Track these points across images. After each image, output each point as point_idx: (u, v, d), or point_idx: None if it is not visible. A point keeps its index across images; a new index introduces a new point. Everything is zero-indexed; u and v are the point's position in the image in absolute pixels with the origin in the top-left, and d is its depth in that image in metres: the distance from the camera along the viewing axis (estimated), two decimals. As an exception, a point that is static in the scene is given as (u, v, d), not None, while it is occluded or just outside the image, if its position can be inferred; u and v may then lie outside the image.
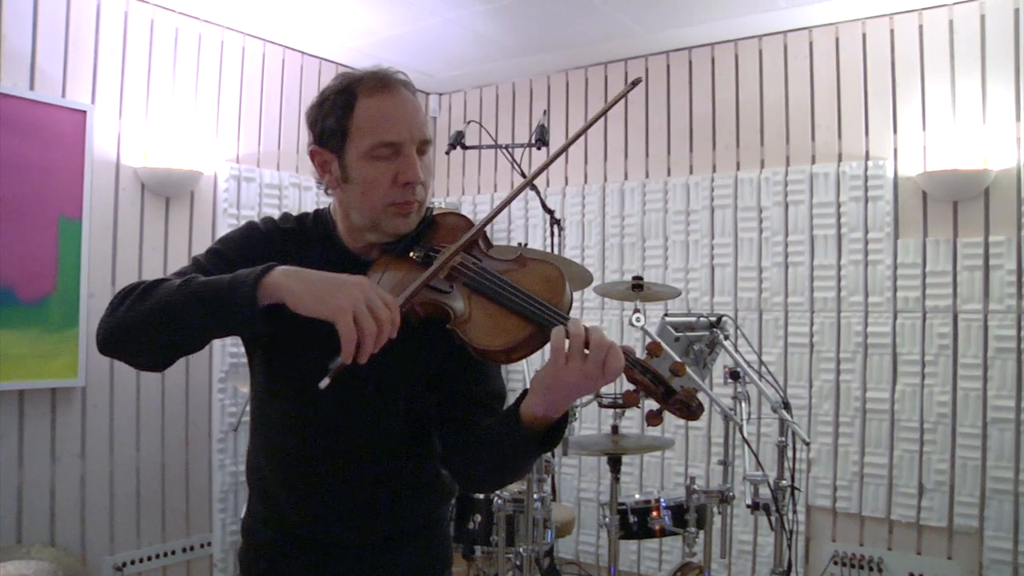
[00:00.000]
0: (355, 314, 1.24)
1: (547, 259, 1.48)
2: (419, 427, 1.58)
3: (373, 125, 1.45)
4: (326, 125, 1.49)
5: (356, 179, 1.47)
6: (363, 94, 1.46)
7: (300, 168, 4.44)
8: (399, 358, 1.49)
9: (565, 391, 1.27)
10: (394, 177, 1.45)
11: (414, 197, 1.48)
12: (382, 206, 1.47)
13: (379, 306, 1.26)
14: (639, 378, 1.27)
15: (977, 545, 3.53)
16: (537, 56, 4.55)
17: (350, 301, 1.24)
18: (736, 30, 4.10)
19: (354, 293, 1.26)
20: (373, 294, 1.27)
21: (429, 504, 1.67)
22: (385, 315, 1.26)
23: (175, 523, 3.91)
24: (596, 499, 4.48)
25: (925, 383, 3.65)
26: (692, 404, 1.26)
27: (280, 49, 4.34)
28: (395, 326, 1.27)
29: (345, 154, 1.47)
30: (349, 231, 1.56)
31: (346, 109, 1.46)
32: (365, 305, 1.25)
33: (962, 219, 3.61)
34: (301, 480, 1.58)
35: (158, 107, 3.80)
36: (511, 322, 1.33)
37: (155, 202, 3.84)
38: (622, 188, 4.50)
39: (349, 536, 1.58)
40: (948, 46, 3.65)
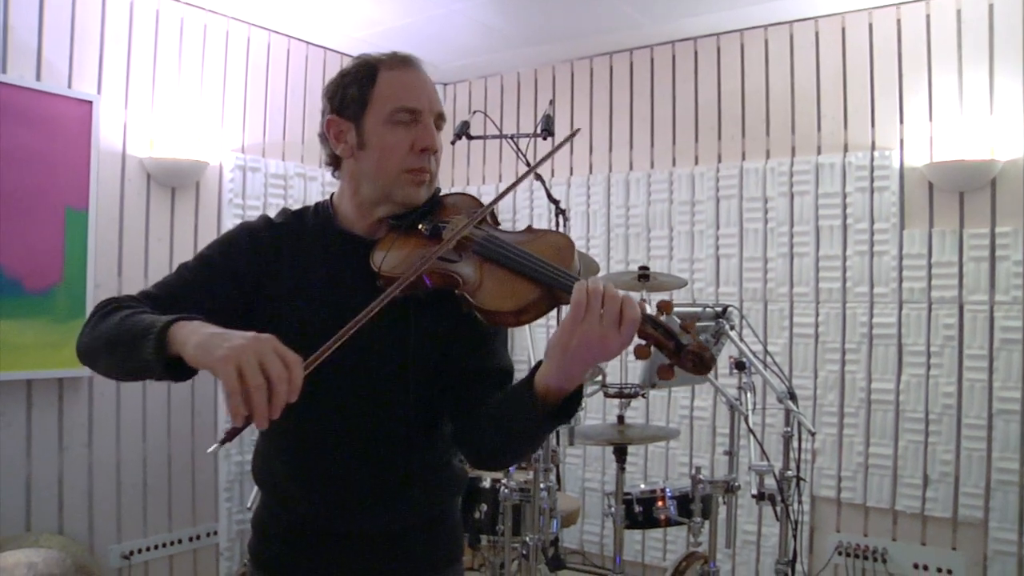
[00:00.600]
0: (238, 367, 1.14)
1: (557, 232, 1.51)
2: (429, 415, 1.58)
3: (395, 92, 1.51)
4: (347, 94, 1.54)
5: (374, 145, 1.51)
6: (385, 68, 1.53)
7: (305, 158, 4.44)
8: (408, 340, 1.50)
9: (582, 352, 1.22)
10: (412, 143, 1.50)
11: (428, 166, 1.52)
12: (397, 172, 1.51)
13: (272, 362, 1.15)
14: (651, 332, 1.25)
15: (982, 536, 3.54)
16: (542, 47, 4.54)
17: (235, 353, 1.15)
18: (742, 20, 4.09)
19: (242, 346, 1.16)
20: (268, 350, 1.16)
21: (440, 495, 1.67)
22: (277, 371, 1.15)
23: (181, 513, 3.92)
24: (601, 489, 4.49)
25: (930, 374, 3.64)
26: (704, 355, 1.24)
27: (285, 39, 4.34)
28: (292, 386, 1.16)
29: (364, 121, 1.52)
30: (357, 208, 1.57)
31: (368, 79, 1.53)
32: (255, 359, 1.14)
33: (968, 210, 3.61)
34: (311, 471, 1.58)
35: (164, 97, 3.81)
36: (521, 285, 1.35)
37: (161, 192, 3.84)
38: (627, 178, 4.50)
39: (360, 528, 1.58)
40: (956, 36, 3.63)
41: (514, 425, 1.38)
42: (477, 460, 1.58)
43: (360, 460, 1.55)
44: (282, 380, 1.15)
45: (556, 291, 1.33)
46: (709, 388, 4.15)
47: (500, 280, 1.38)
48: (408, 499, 1.60)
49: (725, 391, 3.18)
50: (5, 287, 3.31)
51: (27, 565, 3.12)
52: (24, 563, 3.13)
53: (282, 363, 1.16)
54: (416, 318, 1.52)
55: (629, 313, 1.20)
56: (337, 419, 1.55)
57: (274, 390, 1.14)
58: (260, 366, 1.14)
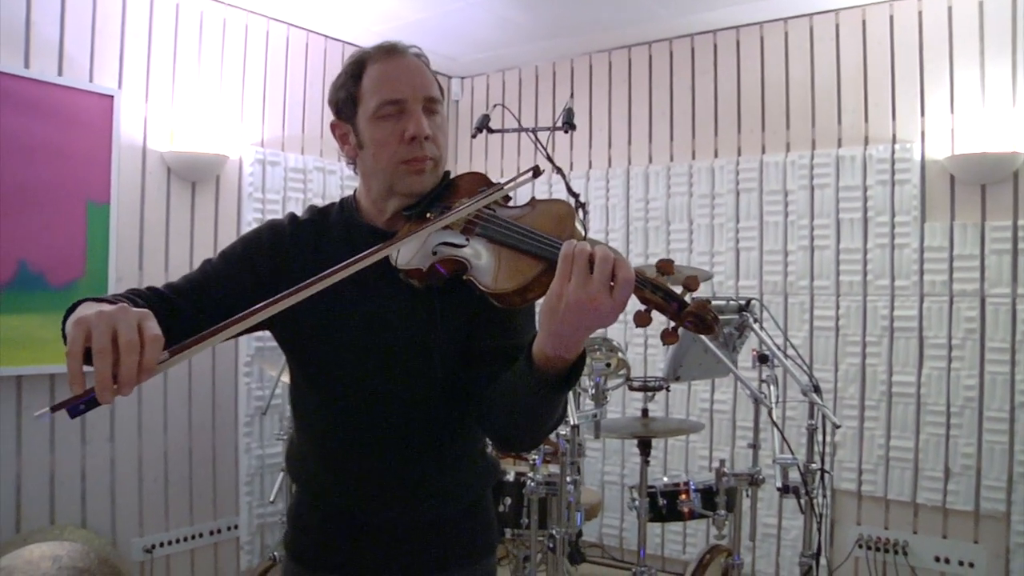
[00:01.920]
0: (87, 330, 1.04)
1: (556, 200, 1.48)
2: (459, 404, 1.57)
3: (377, 87, 1.51)
4: (339, 97, 1.57)
5: (368, 142, 1.53)
6: (370, 62, 1.54)
7: (324, 152, 4.44)
8: (434, 328, 1.50)
9: (572, 316, 1.15)
10: (401, 134, 1.49)
11: (423, 153, 1.51)
12: (393, 164, 1.51)
13: (125, 331, 1.04)
14: (650, 297, 1.18)
15: (1004, 529, 3.54)
16: (560, 40, 4.53)
17: (91, 318, 1.05)
18: (761, 13, 4.08)
19: (101, 312, 1.06)
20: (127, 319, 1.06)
21: (473, 485, 1.68)
22: (126, 339, 1.04)
23: (202, 506, 3.94)
24: (620, 482, 4.50)
25: (952, 367, 3.64)
26: (707, 316, 1.17)
27: (304, 33, 4.33)
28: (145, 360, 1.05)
29: (357, 120, 1.54)
30: (374, 204, 1.59)
31: (355, 78, 1.54)
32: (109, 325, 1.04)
33: (990, 202, 3.60)
34: (345, 463, 1.59)
35: (184, 91, 3.81)
36: (523, 263, 1.31)
37: (181, 186, 3.85)
38: (647, 171, 4.49)
39: (395, 519, 1.58)
40: (978, 28, 3.62)
41: (518, 398, 1.34)
42: (501, 441, 1.57)
43: (392, 450, 1.56)
44: (131, 350, 1.03)
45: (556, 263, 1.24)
46: (729, 382, 4.15)
47: (504, 259, 1.35)
48: (441, 489, 1.60)
49: (749, 384, 3.17)
50: (28, 281, 3.32)
51: (52, 558, 3.13)
52: (49, 556, 3.14)
53: (138, 334, 1.05)
54: (441, 307, 1.52)
55: (622, 274, 1.13)
56: (368, 409, 1.55)
57: (120, 361, 1.03)
58: (112, 333, 1.04)
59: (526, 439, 1.49)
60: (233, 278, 1.54)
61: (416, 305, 1.52)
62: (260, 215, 4.06)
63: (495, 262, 1.35)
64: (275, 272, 1.55)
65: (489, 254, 1.37)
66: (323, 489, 1.62)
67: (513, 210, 1.48)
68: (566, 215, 1.40)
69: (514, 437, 1.49)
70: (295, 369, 1.66)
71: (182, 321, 1.44)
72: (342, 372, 1.56)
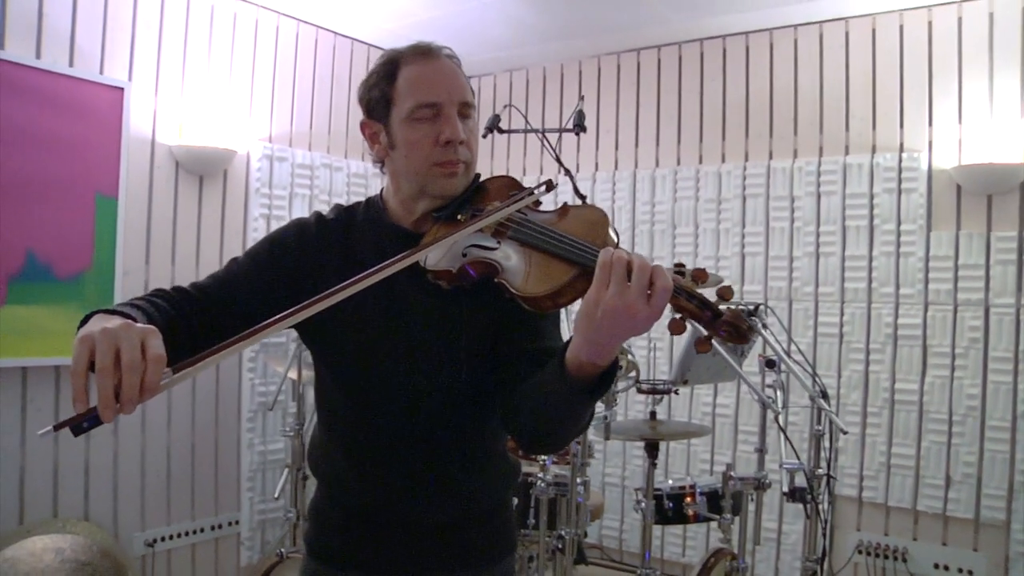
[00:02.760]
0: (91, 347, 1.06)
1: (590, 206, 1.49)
2: (484, 405, 1.58)
3: (413, 89, 1.51)
4: (372, 96, 1.57)
5: (400, 143, 1.53)
6: (405, 63, 1.54)
7: (331, 149, 4.44)
8: (461, 329, 1.52)
9: (609, 323, 1.16)
10: (436, 137, 1.50)
11: (457, 157, 1.52)
12: (427, 166, 1.51)
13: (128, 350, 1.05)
14: (685, 305, 1.20)
15: (1003, 538, 3.56)
16: (570, 41, 4.54)
17: (94, 334, 1.07)
18: (772, 19, 4.09)
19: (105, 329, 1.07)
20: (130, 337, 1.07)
21: (496, 486, 1.69)
22: (129, 358, 1.05)
23: (204, 501, 3.93)
24: (621, 484, 4.51)
25: (955, 375, 3.66)
26: (742, 326, 1.19)
27: (313, 29, 4.33)
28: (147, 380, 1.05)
29: (390, 121, 1.54)
30: (402, 204, 1.59)
31: (390, 78, 1.54)
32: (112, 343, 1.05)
33: (996, 213, 3.62)
34: (370, 461, 1.59)
35: (193, 85, 3.80)
36: (555, 267, 1.31)
37: (189, 180, 3.84)
38: (653, 175, 4.50)
39: (419, 518, 1.59)
40: (987, 39, 3.64)
41: (548, 403, 1.34)
42: (524, 443, 1.56)
43: (418, 449, 1.57)
44: (133, 370, 1.04)
45: (590, 269, 1.24)
46: (732, 386, 4.17)
47: (536, 264, 1.35)
48: (466, 489, 1.62)
49: (757, 389, 3.18)
50: (36, 272, 3.31)
51: (55, 550, 3.12)
52: (52, 548, 3.13)
53: (140, 353, 1.06)
54: (468, 308, 1.53)
55: (660, 283, 1.13)
56: (394, 409, 1.56)
57: (123, 380, 1.03)
58: (115, 352, 1.05)
59: (553, 441, 1.50)
60: (260, 277, 1.55)
61: (443, 306, 1.53)
62: (266, 211, 4.05)
63: (527, 265, 1.36)
64: (301, 271, 1.56)
65: (521, 257, 1.38)
66: (347, 487, 1.62)
67: (545, 215, 1.48)
68: (600, 221, 1.41)
69: (541, 439, 1.48)
70: (321, 367, 1.66)
71: (209, 320, 1.45)
72: (368, 371, 1.56)
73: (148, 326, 1.12)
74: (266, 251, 1.59)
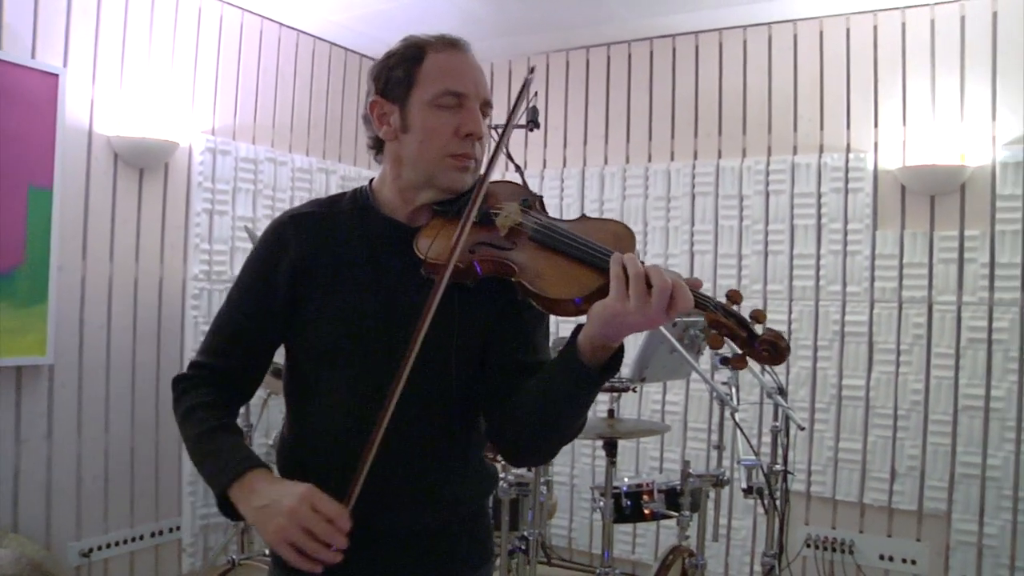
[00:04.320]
0: (292, 544, 1.28)
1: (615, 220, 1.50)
2: (469, 408, 1.54)
3: (441, 74, 1.46)
4: (392, 75, 1.50)
5: (417, 127, 1.47)
6: (432, 50, 1.49)
7: (276, 143, 4.31)
8: (453, 328, 1.46)
9: (627, 330, 1.24)
10: (456, 128, 1.45)
11: (472, 152, 1.48)
12: (440, 156, 1.47)
13: (318, 527, 1.28)
14: (723, 321, 1.24)
15: (945, 527, 3.67)
16: (520, 37, 4.51)
17: (280, 535, 1.28)
18: (721, 20, 4.14)
19: (283, 523, 1.28)
20: (308, 515, 1.28)
21: (477, 492, 1.64)
22: (325, 533, 1.28)
23: (144, 507, 3.77)
24: (569, 482, 4.50)
25: (900, 371, 3.76)
26: (780, 344, 1.24)
27: (258, 19, 4.19)
28: (342, 533, 1.29)
29: (409, 102, 1.47)
30: (400, 193, 1.53)
31: (415, 60, 1.48)
32: (301, 532, 1.27)
33: (939, 213, 3.73)
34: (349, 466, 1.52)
35: (133, 74, 3.63)
36: (583, 273, 1.32)
37: (128, 173, 3.67)
38: (602, 173, 4.51)
39: (401, 526, 1.53)
40: (929, 44, 3.75)
41: (558, 391, 1.35)
42: (516, 451, 1.55)
43: (401, 453, 1.50)
44: (331, 536, 1.28)
45: None
46: (681, 384, 4.20)
47: (561, 268, 1.35)
48: (448, 495, 1.56)
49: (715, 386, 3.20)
50: (-35, 268, 3.12)
51: (-20, 565, 2.95)
52: (-23, 563, 2.96)
53: (325, 521, 1.28)
54: (461, 306, 1.48)
55: (681, 306, 1.20)
56: (377, 410, 1.49)
57: (329, 544, 1.28)
58: (309, 533, 1.27)
59: (548, 447, 1.50)
60: (262, 310, 1.53)
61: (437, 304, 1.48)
62: (209, 205, 3.91)
63: (551, 269, 1.35)
64: (294, 274, 1.50)
65: (541, 260, 1.37)
66: None
67: (564, 222, 1.47)
68: (626, 235, 1.42)
69: (538, 444, 1.47)
70: (299, 364, 1.58)
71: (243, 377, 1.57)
72: (353, 367, 1.49)
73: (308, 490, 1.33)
74: (256, 278, 1.55)
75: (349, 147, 4.76)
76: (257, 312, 1.52)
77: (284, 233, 1.54)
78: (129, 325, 3.70)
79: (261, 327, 1.53)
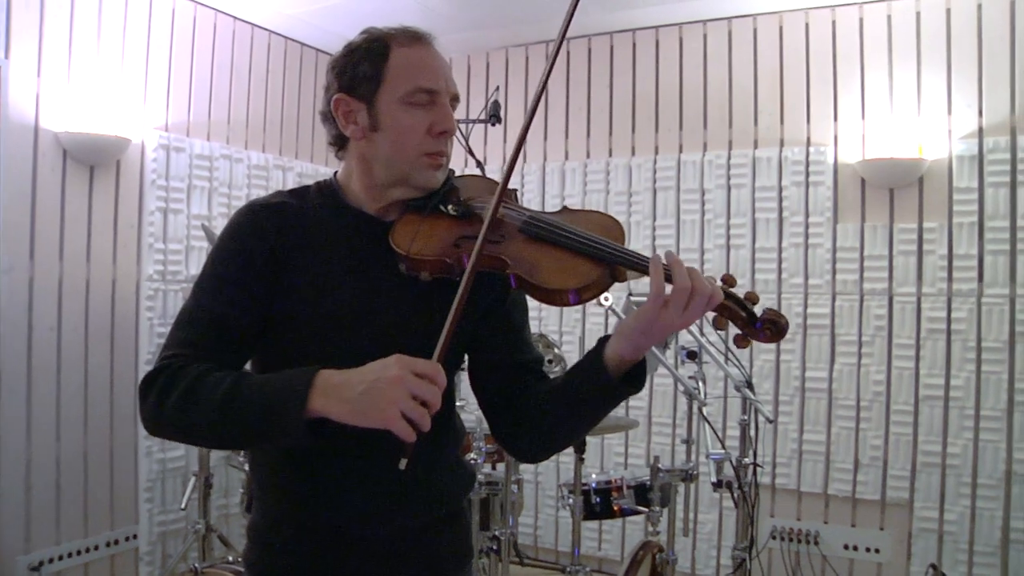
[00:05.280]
0: (405, 414, 1.18)
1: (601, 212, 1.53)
2: (448, 406, 1.50)
3: (411, 71, 1.42)
4: (358, 71, 1.44)
5: (388, 127, 1.43)
6: (397, 44, 1.44)
7: (231, 139, 4.20)
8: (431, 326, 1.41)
9: (662, 332, 1.29)
10: (429, 126, 1.42)
11: (446, 149, 1.46)
12: (415, 155, 1.43)
13: (424, 389, 1.19)
14: (728, 304, 1.30)
15: (907, 515, 3.72)
16: (479, 32, 4.46)
17: (395, 406, 1.18)
18: (681, 14, 4.14)
19: (395, 394, 1.18)
20: (412, 379, 1.19)
21: (456, 492, 1.61)
22: (431, 394, 1.19)
23: (98, 516, 3.64)
24: (534, 480, 4.47)
25: (862, 363, 3.80)
26: (781, 322, 1.30)
27: (212, 12, 4.07)
28: (442, 387, 1.21)
29: (377, 101, 1.42)
30: (368, 190, 1.49)
31: (380, 55, 1.43)
32: (410, 399, 1.18)
33: (898, 206, 3.77)
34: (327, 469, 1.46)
35: (81, 67, 3.50)
36: (580, 263, 1.33)
37: (78, 170, 3.54)
38: (563, 168, 4.48)
39: (380, 529, 1.48)
40: (887, 40, 3.80)
41: (585, 401, 1.39)
42: (530, 450, 1.56)
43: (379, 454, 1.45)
44: (435, 396, 1.20)
45: (617, 268, 1.33)
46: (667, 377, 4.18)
47: (556, 259, 1.35)
48: (428, 496, 1.52)
49: (683, 380, 3.20)
50: (-95, 270, 2.98)
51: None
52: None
53: (428, 383, 1.19)
54: (440, 304, 1.43)
55: (716, 302, 1.27)
56: None
57: (432, 409, 1.20)
58: (417, 399, 1.18)
59: (562, 446, 1.57)
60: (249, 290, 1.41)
61: (416, 300, 1.45)
62: (163, 204, 3.80)
63: (545, 259, 1.36)
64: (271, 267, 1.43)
65: (534, 251, 1.38)
66: (299, 499, 1.48)
67: (548, 214, 1.47)
68: (613, 226, 1.45)
69: (550, 447, 1.53)
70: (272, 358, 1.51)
71: None
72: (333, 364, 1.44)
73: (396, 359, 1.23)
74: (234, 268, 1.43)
75: (306, 143, 4.66)
76: (241, 299, 1.40)
77: (262, 222, 1.46)
78: (80, 328, 3.57)
79: (245, 314, 1.40)
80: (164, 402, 1.29)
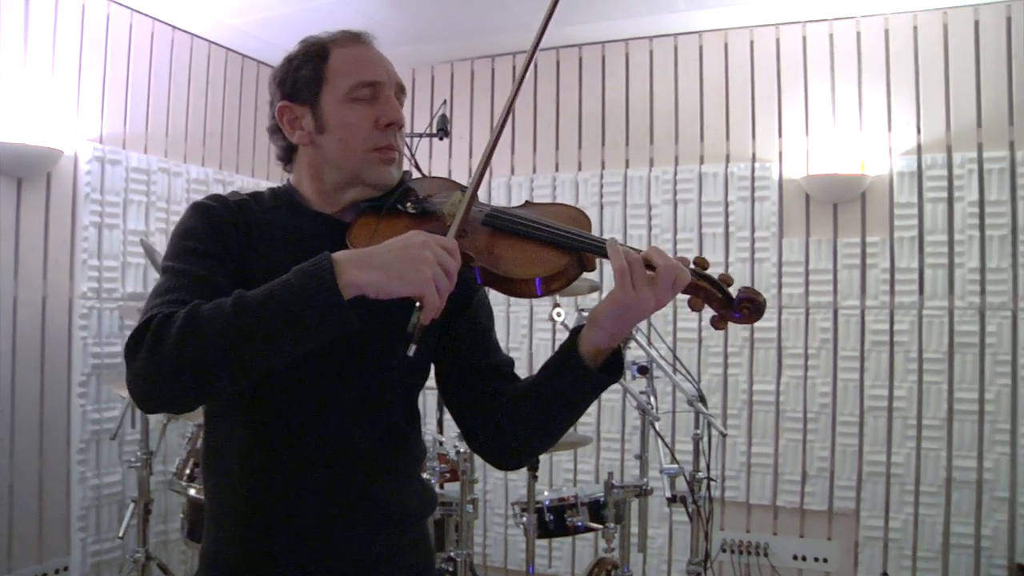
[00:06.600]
0: (434, 281, 1.15)
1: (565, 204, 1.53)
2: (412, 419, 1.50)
3: (351, 67, 1.41)
4: (298, 76, 1.43)
5: (334, 126, 1.41)
6: (336, 46, 1.44)
7: (170, 152, 4.06)
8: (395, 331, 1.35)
9: (635, 315, 1.26)
10: (375, 120, 1.40)
11: (395, 142, 1.43)
12: (364, 151, 1.41)
13: (448, 259, 1.18)
14: (703, 285, 1.29)
15: (853, 525, 3.77)
16: (425, 45, 4.42)
17: (429, 270, 1.15)
18: (627, 31, 4.16)
19: (427, 258, 1.16)
20: (438, 248, 1.17)
21: (422, 512, 1.56)
22: (454, 265, 1.19)
23: (25, 547, 3.44)
24: (483, 497, 4.40)
25: (808, 375, 3.85)
26: (759, 300, 1.30)
27: (149, 21, 3.93)
28: (459, 265, 1.21)
29: (320, 103, 1.41)
30: (322, 195, 1.45)
31: (320, 58, 1.43)
32: (439, 266, 1.16)
33: (841, 220, 3.84)
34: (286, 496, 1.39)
35: (8, 75, 3.34)
36: (547, 253, 1.32)
37: (5, 182, 3.38)
38: (509, 182, 4.46)
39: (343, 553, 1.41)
40: (829, 58, 3.87)
41: (564, 397, 1.36)
42: (508, 455, 1.51)
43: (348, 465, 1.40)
44: (454, 266, 1.19)
45: (584, 256, 1.32)
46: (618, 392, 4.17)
47: (521, 250, 1.34)
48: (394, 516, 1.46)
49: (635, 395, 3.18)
50: None
51: None
52: None
53: (450, 253, 1.18)
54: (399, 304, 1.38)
55: (682, 279, 1.24)
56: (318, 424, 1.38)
57: (453, 282, 1.18)
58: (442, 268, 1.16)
59: (543, 448, 1.52)
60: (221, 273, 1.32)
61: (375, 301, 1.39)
62: (98, 218, 3.65)
63: (511, 251, 1.34)
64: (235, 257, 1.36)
65: (500, 244, 1.35)
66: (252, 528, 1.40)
67: (511, 208, 1.44)
68: (579, 216, 1.43)
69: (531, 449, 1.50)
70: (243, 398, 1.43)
71: None
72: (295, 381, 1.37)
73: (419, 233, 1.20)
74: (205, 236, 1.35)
75: (247, 157, 4.54)
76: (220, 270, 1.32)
77: (231, 211, 1.40)
78: (8, 348, 3.39)
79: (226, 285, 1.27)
80: (160, 346, 1.15)
